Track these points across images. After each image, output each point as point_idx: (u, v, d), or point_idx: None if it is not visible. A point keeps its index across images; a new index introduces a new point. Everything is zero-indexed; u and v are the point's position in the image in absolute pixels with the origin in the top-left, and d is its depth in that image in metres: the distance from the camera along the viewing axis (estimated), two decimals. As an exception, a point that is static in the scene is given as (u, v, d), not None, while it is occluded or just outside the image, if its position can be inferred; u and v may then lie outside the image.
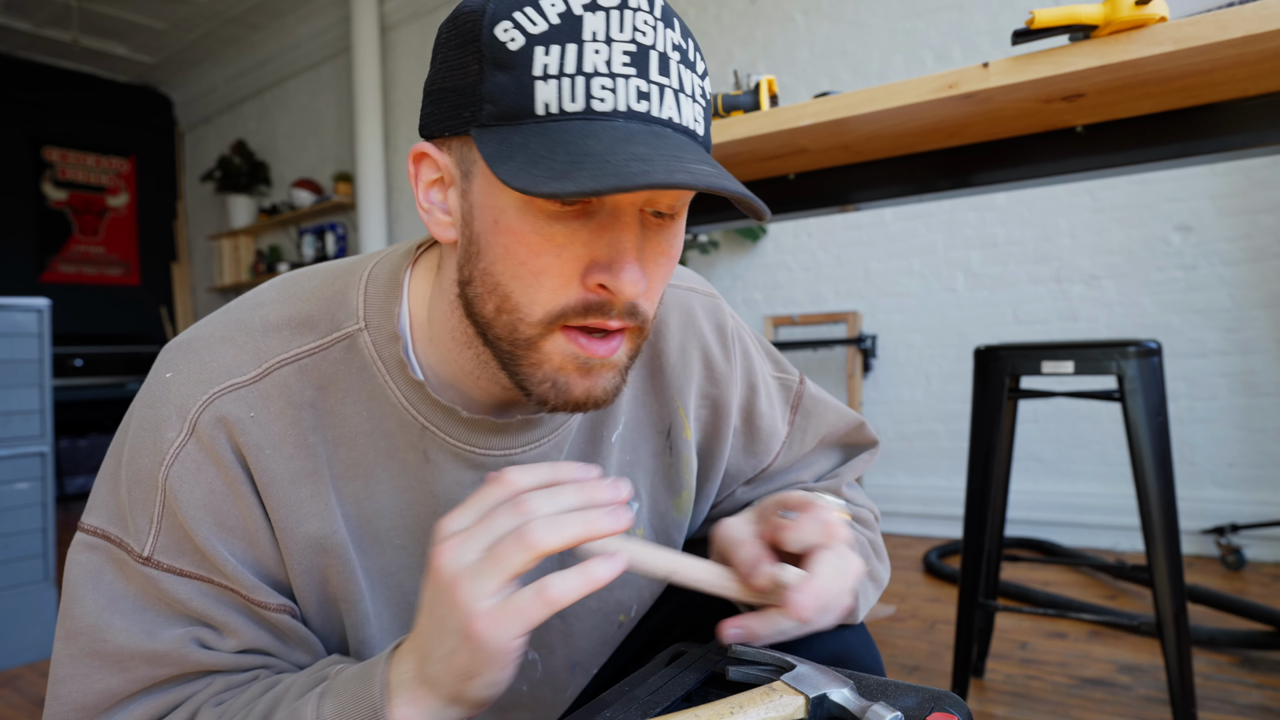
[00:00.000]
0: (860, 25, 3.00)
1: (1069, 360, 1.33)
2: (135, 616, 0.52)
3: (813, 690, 0.48)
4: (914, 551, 2.69)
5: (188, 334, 0.57)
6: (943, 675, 1.65)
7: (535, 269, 0.48)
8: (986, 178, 1.31)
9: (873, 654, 0.66)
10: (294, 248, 5.14)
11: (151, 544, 0.52)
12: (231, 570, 0.53)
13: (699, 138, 0.49)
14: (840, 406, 0.78)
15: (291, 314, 0.57)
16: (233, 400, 0.53)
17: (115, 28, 4.94)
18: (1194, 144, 1.15)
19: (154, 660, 0.52)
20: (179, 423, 0.52)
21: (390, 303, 0.57)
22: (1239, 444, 2.42)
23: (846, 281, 3.09)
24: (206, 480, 0.53)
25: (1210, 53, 0.94)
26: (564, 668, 0.67)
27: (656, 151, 0.44)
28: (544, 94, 0.45)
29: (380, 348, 0.56)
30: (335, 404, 0.56)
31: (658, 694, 0.51)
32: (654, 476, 0.69)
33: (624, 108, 0.46)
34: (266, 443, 0.54)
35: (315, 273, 0.60)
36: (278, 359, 0.55)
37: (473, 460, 0.58)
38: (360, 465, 0.57)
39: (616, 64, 0.46)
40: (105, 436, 4.92)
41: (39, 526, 2.04)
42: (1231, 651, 1.71)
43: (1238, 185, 2.40)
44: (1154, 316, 2.53)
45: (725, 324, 0.71)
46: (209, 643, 0.54)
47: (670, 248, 0.52)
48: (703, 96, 0.50)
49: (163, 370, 0.55)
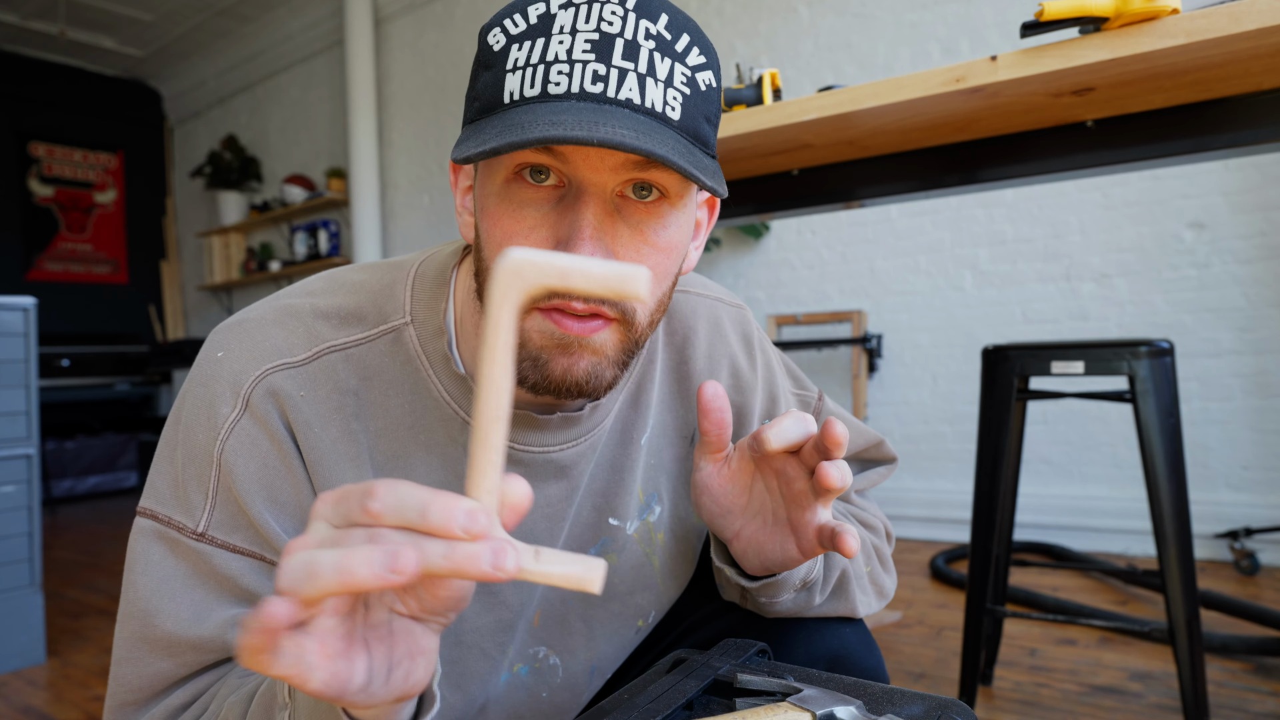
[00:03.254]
0: (865, 17, 2.98)
1: (1079, 360, 1.32)
2: (183, 598, 0.53)
3: (819, 708, 0.49)
4: (921, 556, 2.67)
5: (237, 317, 0.59)
6: (950, 683, 1.64)
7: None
8: (994, 173, 1.31)
9: (874, 654, 0.67)
10: (286, 245, 5.11)
11: (206, 519, 0.54)
12: (283, 545, 0.54)
13: (671, 121, 0.49)
14: (859, 424, 0.79)
15: (340, 304, 0.59)
16: (284, 378, 0.55)
17: (103, 20, 4.93)
18: (1207, 139, 1.14)
19: (199, 648, 0.53)
20: (233, 398, 0.54)
21: (436, 299, 0.59)
22: (1253, 446, 2.39)
23: (851, 280, 3.06)
24: (260, 454, 0.54)
25: (1224, 45, 0.93)
26: (583, 671, 0.68)
27: (581, 119, 0.45)
28: (510, 84, 0.49)
29: (425, 342, 0.58)
30: (379, 395, 0.58)
31: (658, 702, 0.52)
32: (676, 481, 0.70)
33: (577, 90, 0.47)
34: (315, 421, 0.55)
35: (364, 267, 0.63)
36: (327, 344, 0.57)
37: (512, 456, 0.60)
38: (401, 457, 0.58)
39: (577, 51, 0.48)
40: (93, 438, 4.87)
41: (25, 531, 2.01)
42: (1245, 658, 1.69)
43: (1252, 181, 2.38)
44: (1166, 315, 2.50)
45: (751, 335, 0.74)
46: None
47: (653, 234, 0.52)
48: (687, 85, 0.50)
49: (214, 350, 0.57)
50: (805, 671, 0.56)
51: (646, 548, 0.68)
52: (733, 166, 1.45)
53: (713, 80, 0.52)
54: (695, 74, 0.50)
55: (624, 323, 0.52)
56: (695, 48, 0.51)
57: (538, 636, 0.65)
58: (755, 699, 0.53)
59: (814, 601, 0.65)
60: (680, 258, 0.55)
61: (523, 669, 0.64)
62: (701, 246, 0.62)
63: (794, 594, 0.63)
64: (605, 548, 0.66)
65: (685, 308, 0.70)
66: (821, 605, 0.66)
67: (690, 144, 0.50)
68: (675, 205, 0.52)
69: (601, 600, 0.66)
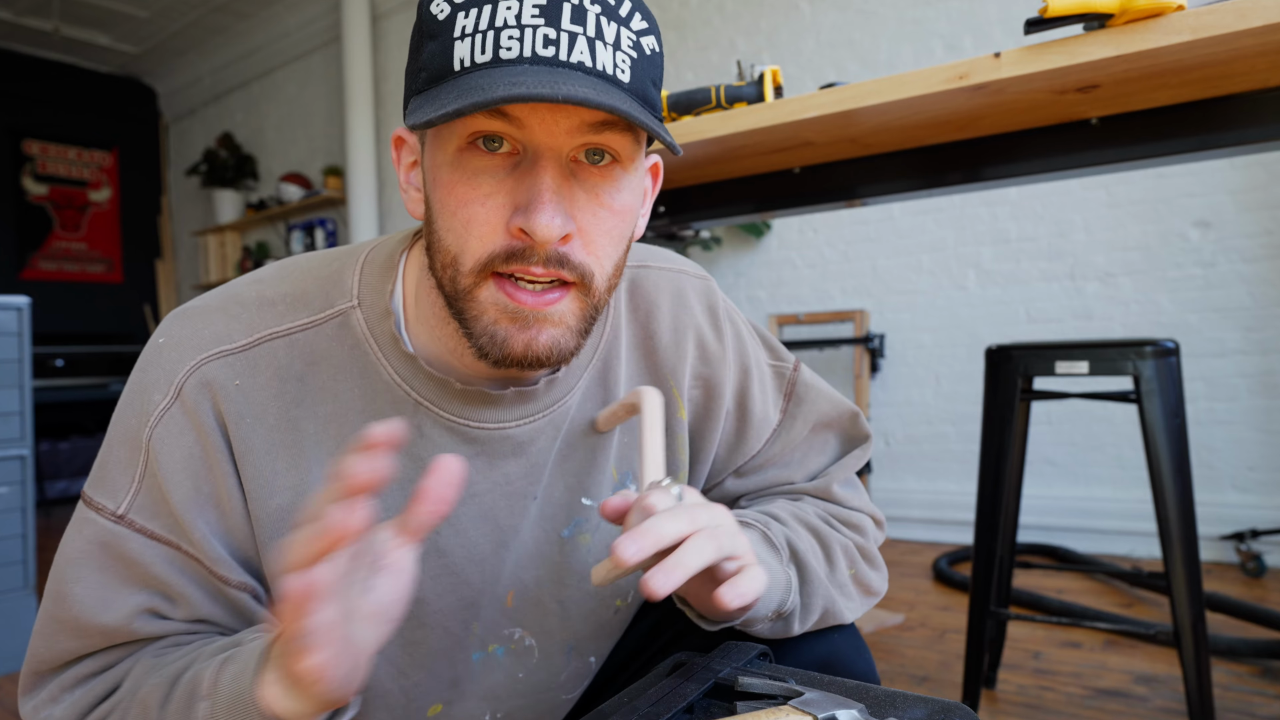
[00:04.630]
0: (868, 14, 2.97)
1: (1083, 360, 1.31)
2: (91, 579, 0.54)
3: (821, 712, 0.48)
4: (923, 558, 2.66)
5: (186, 305, 0.59)
6: (953, 686, 1.63)
7: (465, 219, 0.51)
8: (998, 171, 1.30)
9: (865, 658, 0.67)
10: (282, 244, 5.09)
11: (128, 503, 0.55)
12: (200, 538, 0.55)
13: (623, 84, 0.50)
14: (835, 395, 0.77)
15: (287, 291, 0.59)
16: (219, 366, 0.55)
17: (97, 16, 4.91)
18: (1213, 137, 1.13)
19: (105, 634, 0.55)
20: (166, 386, 0.55)
21: (384, 282, 0.59)
22: (1259, 447, 2.38)
23: (853, 279, 3.05)
24: (186, 445, 0.55)
25: (1230, 42, 0.92)
26: (560, 651, 0.68)
27: (540, 79, 0.46)
28: (460, 51, 0.49)
29: (372, 325, 0.58)
30: (326, 380, 0.58)
31: (658, 705, 0.51)
32: None
33: (529, 54, 0.48)
34: (248, 412, 0.56)
35: (315, 255, 0.63)
36: (270, 331, 0.57)
37: (467, 434, 0.60)
38: (350, 442, 0.57)
39: (526, 16, 0.48)
40: (87, 439, 4.85)
41: (19, 532, 2.01)
42: (1251, 661, 1.68)
43: (1258, 179, 2.37)
44: (1171, 315, 2.49)
45: (716, 305, 0.73)
46: (161, 612, 0.56)
47: (608, 197, 0.52)
48: (634, 49, 0.51)
49: (157, 337, 0.58)
50: (807, 675, 0.56)
51: (622, 527, 0.67)
52: (733, 164, 1.45)
53: (655, 45, 0.53)
54: (640, 38, 0.51)
55: (582, 287, 0.53)
56: (637, 13, 0.52)
57: (512, 618, 0.64)
58: (756, 702, 0.52)
59: (793, 629, 0.64)
60: (633, 221, 0.56)
61: (499, 649, 0.65)
62: (648, 215, 0.62)
63: (769, 623, 0.62)
64: (579, 528, 0.66)
65: (648, 282, 0.70)
66: (806, 630, 0.65)
67: (640, 105, 0.51)
68: (627, 169, 0.53)
69: (575, 580, 0.66)
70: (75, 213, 5.54)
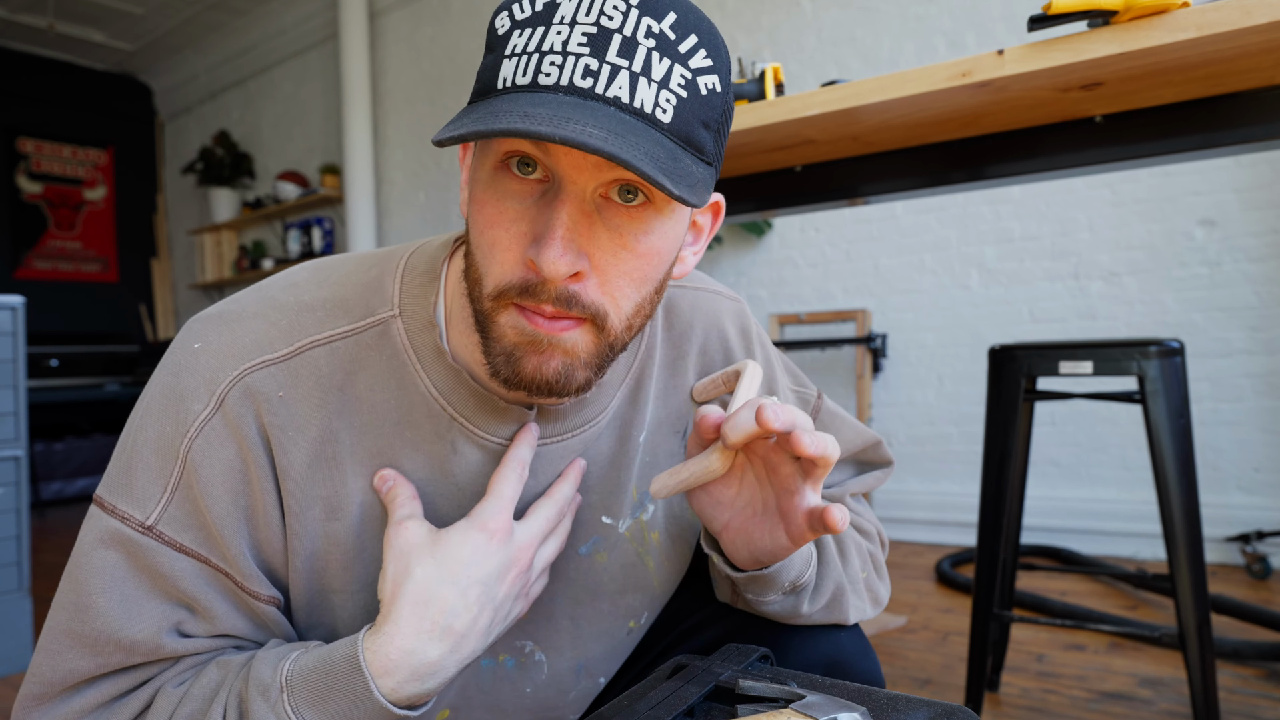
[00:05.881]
0: (870, 10, 2.96)
1: (1088, 360, 1.31)
2: (115, 592, 0.52)
3: (822, 715, 0.49)
4: (926, 560, 2.65)
5: (217, 308, 0.58)
6: (956, 689, 1.63)
7: (490, 240, 0.51)
8: (1001, 170, 1.30)
9: (870, 659, 0.67)
10: (279, 243, 5.08)
11: (158, 513, 0.53)
12: (235, 553, 0.54)
13: (661, 123, 0.48)
14: (857, 424, 0.79)
15: (326, 296, 0.58)
16: (263, 377, 0.54)
17: (92, 13, 4.90)
18: (1218, 134, 1.14)
19: (127, 649, 0.52)
20: (206, 395, 0.53)
21: (426, 292, 0.58)
22: (1265, 447, 2.37)
23: (855, 278, 3.04)
24: (228, 458, 0.53)
25: (1235, 39, 0.92)
26: (569, 669, 0.67)
27: (556, 114, 0.44)
28: (505, 70, 0.48)
29: (413, 335, 0.58)
30: (363, 390, 0.57)
31: (659, 708, 0.51)
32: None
33: (565, 83, 0.47)
34: (290, 424, 0.54)
35: (351, 258, 0.62)
36: (310, 339, 0.56)
37: (499, 453, 0.59)
38: (385, 454, 0.57)
39: (573, 44, 0.47)
40: (82, 440, 4.82)
41: (13, 534, 2.00)
42: (1257, 664, 1.68)
43: (1263, 177, 2.35)
44: (1176, 314, 2.48)
45: (750, 329, 0.74)
46: (186, 628, 0.54)
47: (633, 239, 0.51)
48: (685, 87, 0.49)
49: (190, 340, 0.55)
50: (808, 677, 0.56)
51: (640, 547, 0.68)
52: (735, 163, 1.45)
53: (717, 85, 0.50)
54: (697, 77, 0.49)
55: (595, 325, 0.52)
56: (702, 49, 0.50)
57: (523, 629, 0.64)
58: (757, 705, 0.53)
59: (802, 609, 0.64)
60: (665, 264, 0.54)
61: (508, 660, 0.64)
62: (701, 252, 0.61)
63: (782, 595, 0.63)
64: (596, 546, 0.66)
65: (684, 302, 0.70)
66: (812, 614, 0.66)
67: (680, 148, 0.49)
68: (661, 211, 0.51)
69: (590, 598, 0.66)
70: (70, 211, 5.53)
